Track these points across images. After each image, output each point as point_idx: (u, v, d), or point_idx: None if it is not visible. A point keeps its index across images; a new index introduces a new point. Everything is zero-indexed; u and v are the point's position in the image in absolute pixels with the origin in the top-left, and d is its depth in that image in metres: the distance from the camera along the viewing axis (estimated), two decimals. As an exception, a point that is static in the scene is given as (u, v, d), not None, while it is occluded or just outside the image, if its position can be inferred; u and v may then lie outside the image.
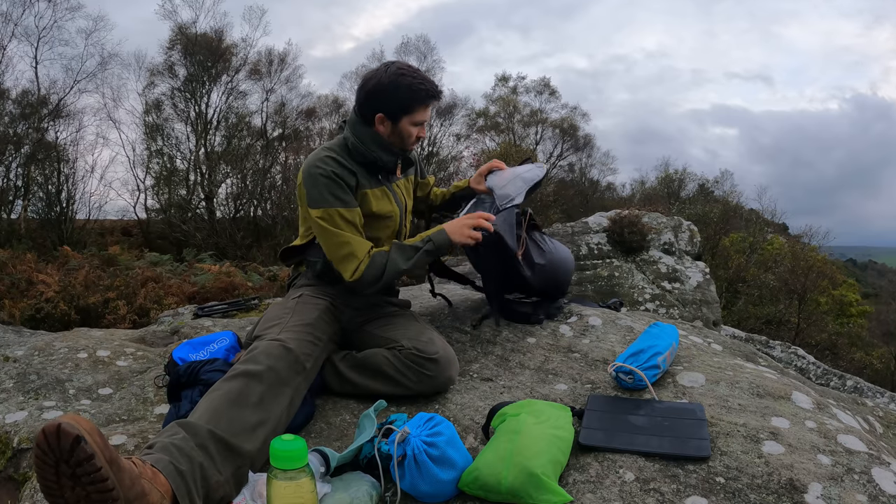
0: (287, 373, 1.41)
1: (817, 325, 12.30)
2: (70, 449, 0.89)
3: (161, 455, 1.10)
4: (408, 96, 1.67)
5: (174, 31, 16.07)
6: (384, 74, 1.68)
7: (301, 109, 17.66)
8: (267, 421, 1.30)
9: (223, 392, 1.30)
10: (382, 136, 1.72)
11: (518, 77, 21.51)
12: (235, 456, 1.21)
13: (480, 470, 1.18)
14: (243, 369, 1.35)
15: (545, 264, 2.00)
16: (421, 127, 1.74)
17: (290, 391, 1.40)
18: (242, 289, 6.10)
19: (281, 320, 1.58)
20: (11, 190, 13.44)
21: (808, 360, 4.51)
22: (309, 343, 1.52)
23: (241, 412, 1.27)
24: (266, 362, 1.38)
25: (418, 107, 1.69)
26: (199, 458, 1.14)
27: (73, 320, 5.08)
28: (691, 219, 7.01)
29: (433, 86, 1.70)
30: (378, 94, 1.68)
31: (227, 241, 13.38)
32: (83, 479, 0.91)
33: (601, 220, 5.50)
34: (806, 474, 1.15)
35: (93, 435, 0.91)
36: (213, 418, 1.22)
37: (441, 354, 1.60)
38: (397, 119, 1.70)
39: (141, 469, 1.01)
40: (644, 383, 1.55)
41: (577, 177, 21.63)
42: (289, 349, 1.44)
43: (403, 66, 1.71)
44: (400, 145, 1.76)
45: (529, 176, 1.96)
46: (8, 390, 1.85)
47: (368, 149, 1.72)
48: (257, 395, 1.32)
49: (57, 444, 0.90)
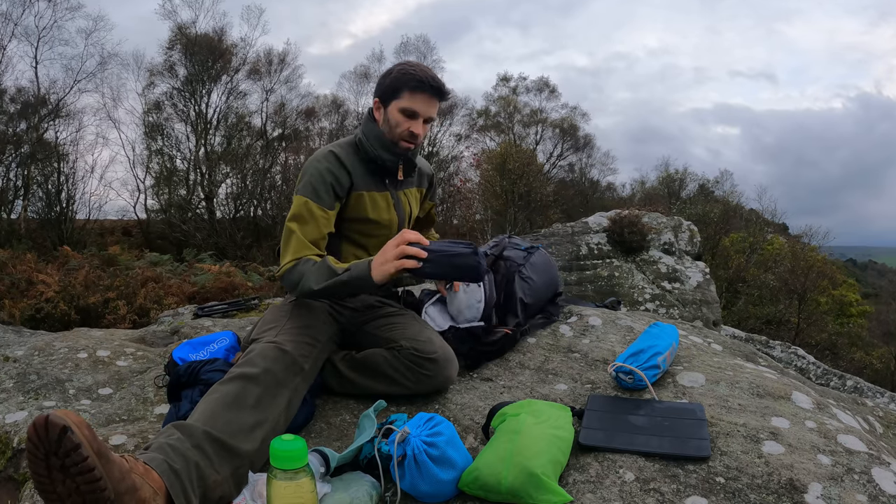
0: (284, 374, 1.40)
1: (817, 325, 12.31)
2: (58, 440, 0.90)
3: (155, 454, 1.10)
4: (396, 79, 1.68)
5: (174, 31, 16.10)
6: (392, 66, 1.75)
7: (301, 109, 17.69)
8: (264, 422, 1.30)
9: (220, 395, 1.30)
10: (383, 131, 1.72)
11: (520, 77, 21.55)
12: (233, 456, 1.21)
13: (480, 470, 1.18)
14: (239, 372, 1.35)
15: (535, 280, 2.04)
16: (413, 121, 1.69)
17: (288, 392, 1.40)
18: (242, 289, 6.10)
19: (277, 323, 1.58)
20: (11, 190, 13.44)
21: (808, 360, 4.51)
22: (306, 345, 1.52)
23: (238, 414, 1.27)
24: (262, 364, 1.38)
25: (405, 91, 1.66)
26: (194, 457, 1.14)
27: (73, 320, 5.08)
28: (691, 219, 7.01)
29: (426, 75, 1.67)
30: (379, 80, 1.75)
31: (227, 241, 13.39)
32: (72, 471, 0.91)
33: (601, 220, 5.50)
34: (806, 474, 1.15)
35: (80, 427, 0.92)
36: (210, 420, 1.22)
37: (440, 354, 1.60)
38: (387, 103, 1.70)
39: (132, 464, 1.01)
40: (644, 383, 1.55)
41: (577, 177, 21.65)
42: (285, 351, 1.43)
43: (412, 62, 1.76)
44: (392, 137, 1.72)
45: (476, 297, 1.86)
46: (8, 390, 1.85)
47: (372, 146, 1.72)
48: (254, 397, 1.32)
49: (46, 436, 0.91)
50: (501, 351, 1.91)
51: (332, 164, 1.68)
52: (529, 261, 2.09)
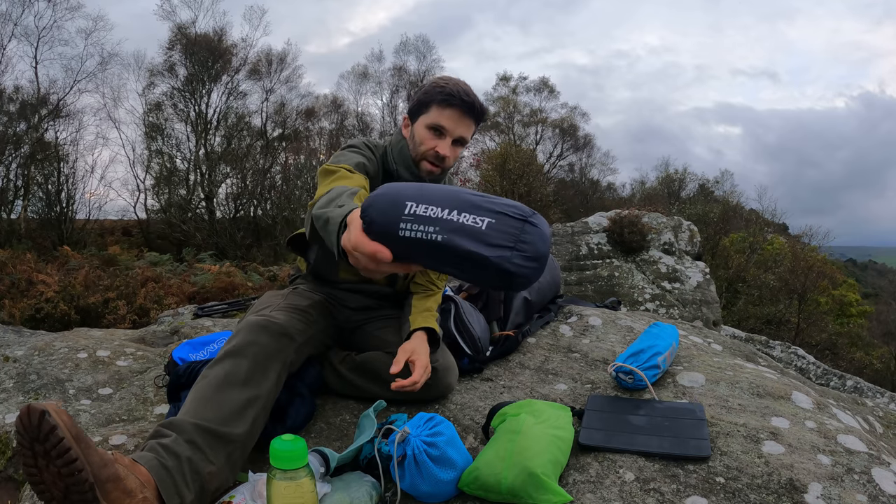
0: (273, 345, 1.36)
1: (817, 325, 12.30)
2: (38, 424, 0.93)
3: (145, 453, 1.10)
4: (426, 92, 1.60)
5: (174, 31, 16.11)
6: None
7: (301, 109, 17.70)
8: (256, 400, 1.27)
9: (209, 379, 1.27)
10: (407, 146, 1.64)
11: (520, 77, 21.55)
12: (225, 443, 1.19)
13: (480, 470, 1.18)
14: (227, 349, 1.32)
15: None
16: (440, 139, 1.56)
17: (278, 364, 1.35)
18: (242, 289, 6.10)
19: (271, 303, 1.55)
20: (11, 190, 13.44)
21: (808, 360, 4.51)
22: (299, 321, 1.47)
23: (228, 394, 1.24)
24: (248, 337, 1.34)
25: (433, 105, 1.57)
26: (186, 452, 1.12)
27: (73, 320, 5.08)
28: (691, 219, 7.01)
29: (458, 89, 1.55)
30: (413, 94, 1.68)
31: (227, 241, 13.39)
32: (52, 454, 0.93)
33: (601, 220, 5.50)
34: (806, 474, 1.15)
35: (59, 413, 0.95)
36: (199, 409, 1.21)
37: (440, 363, 1.59)
38: (415, 119, 1.62)
39: (117, 457, 1.02)
40: (644, 383, 1.55)
41: (577, 177, 21.65)
42: (274, 321, 1.39)
43: (447, 76, 1.64)
44: (414, 155, 1.62)
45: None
46: (8, 390, 1.85)
47: (394, 159, 1.66)
48: (243, 372, 1.28)
49: (29, 423, 0.93)
50: (504, 354, 1.91)
51: (364, 151, 1.62)
52: None
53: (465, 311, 1.83)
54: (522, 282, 0.70)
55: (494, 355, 1.89)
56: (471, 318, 1.83)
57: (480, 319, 1.90)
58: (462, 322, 1.80)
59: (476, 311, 1.92)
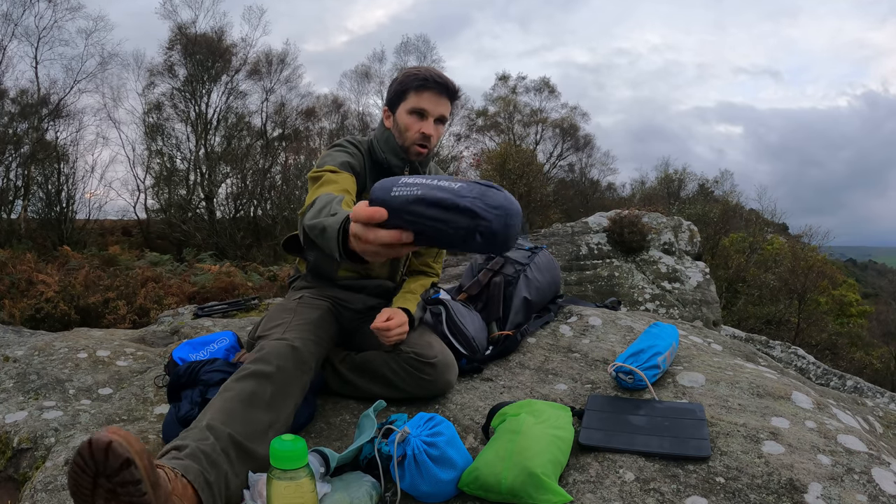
0: (294, 372, 1.40)
1: (817, 325, 12.29)
2: (117, 469, 0.88)
3: (191, 463, 1.10)
4: (401, 82, 1.68)
5: (174, 31, 16.10)
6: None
7: (301, 109, 17.69)
8: (277, 422, 1.31)
9: (236, 392, 1.29)
10: (393, 136, 1.71)
11: (518, 77, 21.55)
12: (251, 460, 1.21)
13: (480, 470, 1.18)
14: (254, 369, 1.35)
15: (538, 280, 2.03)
16: (423, 121, 1.65)
17: (297, 391, 1.40)
18: (242, 289, 6.10)
19: (284, 320, 1.58)
20: (11, 190, 13.44)
21: (808, 360, 4.51)
22: (312, 342, 1.52)
23: (254, 413, 1.27)
24: (276, 362, 1.37)
25: (410, 91, 1.65)
26: (223, 464, 1.14)
27: (73, 320, 5.08)
28: (691, 219, 7.01)
29: (430, 73, 1.64)
30: (388, 88, 1.74)
31: (227, 241, 13.39)
32: (123, 499, 0.90)
33: (601, 220, 5.51)
34: (806, 474, 1.15)
35: (142, 458, 0.90)
36: (230, 420, 1.22)
37: (439, 359, 1.60)
38: (395, 108, 1.69)
39: (173, 484, 1.01)
40: (644, 383, 1.55)
41: (577, 177, 21.64)
42: (295, 348, 1.43)
43: (416, 66, 1.74)
44: (402, 142, 1.69)
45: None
46: (8, 390, 1.85)
47: (381, 149, 1.72)
48: (268, 395, 1.32)
49: (104, 461, 0.88)
50: (503, 353, 1.91)
51: (348, 148, 1.69)
52: (534, 261, 2.10)
53: (457, 312, 1.85)
54: (487, 225, 0.78)
55: (494, 355, 1.89)
56: (464, 319, 1.84)
57: (476, 319, 1.91)
58: (454, 323, 1.82)
59: (472, 312, 1.92)
